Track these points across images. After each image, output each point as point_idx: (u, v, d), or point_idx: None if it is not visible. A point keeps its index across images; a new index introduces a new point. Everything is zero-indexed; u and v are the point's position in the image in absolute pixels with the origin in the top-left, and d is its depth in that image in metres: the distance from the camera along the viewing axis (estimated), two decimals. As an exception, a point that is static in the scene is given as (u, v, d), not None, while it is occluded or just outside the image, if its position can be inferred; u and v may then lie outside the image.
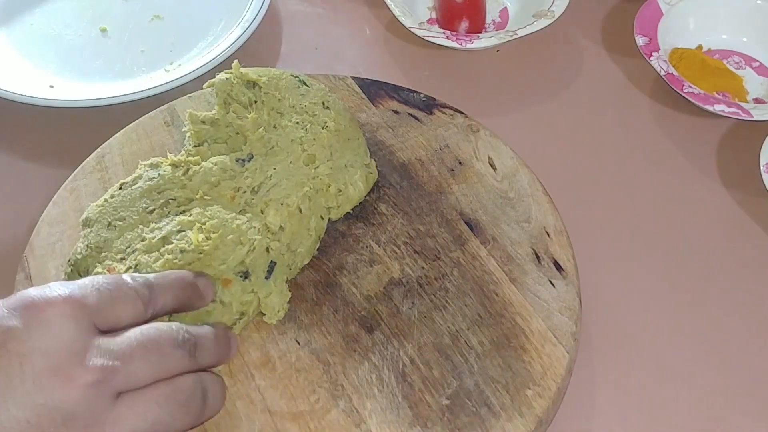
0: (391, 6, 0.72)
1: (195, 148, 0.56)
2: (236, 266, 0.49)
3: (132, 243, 0.50)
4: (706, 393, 0.53)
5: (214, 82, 0.58)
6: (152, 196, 0.53)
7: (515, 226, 0.55)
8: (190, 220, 0.50)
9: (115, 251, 0.50)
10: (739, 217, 0.62)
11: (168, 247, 0.49)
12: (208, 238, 0.49)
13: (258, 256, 0.50)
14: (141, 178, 0.54)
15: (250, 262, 0.50)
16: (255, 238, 0.50)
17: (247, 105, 0.57)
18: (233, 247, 0.50)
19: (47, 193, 0.58)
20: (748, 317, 0.57)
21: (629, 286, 0.59)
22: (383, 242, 0.55)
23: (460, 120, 0.62)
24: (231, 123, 0.56)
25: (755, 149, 0.63)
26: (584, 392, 0.53)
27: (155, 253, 0.49)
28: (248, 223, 0.51)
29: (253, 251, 0.50)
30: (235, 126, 0.56)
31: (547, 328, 0.50)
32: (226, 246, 0.49)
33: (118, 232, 0.51)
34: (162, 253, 0.49)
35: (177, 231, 0.50)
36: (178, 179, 0.53)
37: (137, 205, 0.52)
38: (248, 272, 0.50)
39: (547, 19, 0.71)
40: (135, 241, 0.50)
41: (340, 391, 0.48)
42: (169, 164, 0.54)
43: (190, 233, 0.49)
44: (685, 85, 0.66)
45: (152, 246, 0.49)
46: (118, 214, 0.52)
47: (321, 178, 0.55)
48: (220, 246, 0.49)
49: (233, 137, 0.56)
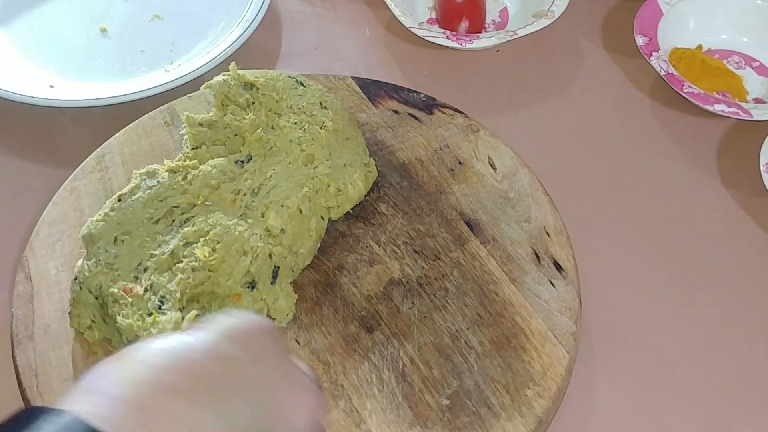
0: (391, 6, 0.72)
1: (193, 150, 0.56)
2: (242, 278, 0.49)
3: (142, 259, 0.50)
4: (705, 393, 0.53)
5: (212, 84, 0.57)
6: (154, 205, 0.52)
7: (515, 226, 0.55)
8: (194, 231, 0.50)
9: (126, 269, 0.49)
10: (739, 216, 0.62)
11: (179, 266, 0.49)
12: (213, 250, 0.49)
13: (262, 263, 0.50)
14: (140, 188, 0.53)
15: (255, 270, 0.50)
16: (257, 245, 0.50)
17: (244, 106, 0.57)
18: (237, 257, 0.50)
19: (47, 193, 0.58)
20: (748, 317, 0.57)
21: (629, 286, 0.58)
22: (383, 242, 0.55)
23: (460, 120, 0.62)
24: (229, 124, 0.56)
25: (755, 149, 0.63)
26: (584, 392, 0.53)
27: (168, 273, 0.49)
28: (250, 230, 0.51)
29: (256, 259, 0.50)
30: (233, 127, 0.56)
31: (547, 328, 0.50)
32: (231, 257, 0.50)
33: (127, 247, 0.50)
34: (174, 272, 0.49)
35: (183, 245, 0.50)
36: (178, 185, 0.53)
37: (141, 217, 0.51)
38: (254, 281, 0.50)
39: (547, 19, 0.71)
40: (145, 257, 0.50)
41: (340, 391, 0.48)
42: (167, 170, 0.54)
43: (197, 250, 0.49)
44: (685, 85, 0.66)
45: (163, 263, 0.49)
46: (123, 228, 0.51)
47: (320, 178, 0.55)
48: (225, 258, 0.49)
49: (231, 139, 0.56)
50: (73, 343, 0.50)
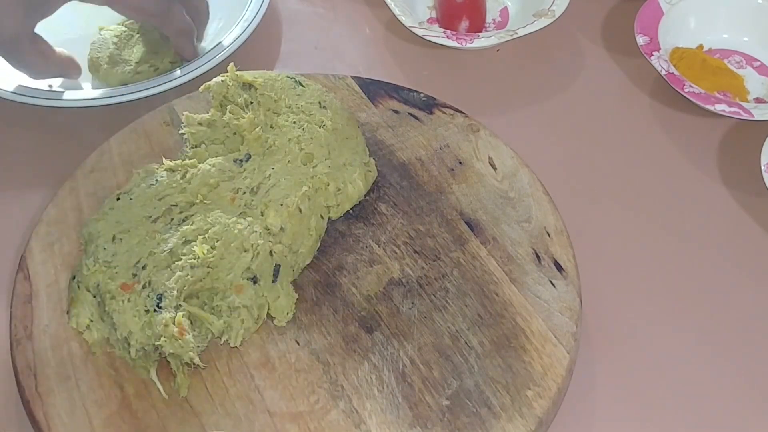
0: (391, 5, 0.72)
1: (192, 149, 0.56)
2: (243, 273, 0.49)
3: (141, 257, 0.50)
4: (706, 393, 0.53)
5: (210, 86, 0.57)
6: (153, 203, 0.52)
7: (515, 226, 0.55)
8: (193, 229, 0.50)
9: (124, 267, 0.49)
10: (740, 217, 0.62)
11: (178, 264, 0.49)
12: (212, 247, 0.49)
13: (263, 261, 0.50)
14: (138, 187, 0.53)
15: (256, 267, 0.50)
16: (258, 243, 0.50)
17: (243, 106, 0.57)
18: (237, 254, 0.50)
19: (47, 193, 0.58)
20: (748, 317, 0.57)
21: (630, 286, 0.58)
22: (383, 242, 0.55)
23: (460, 119, 0.62)
24: (228, 124, 0.56)
25: (756, 149, 0.63)
26: (584, 392, 0.53)
27: (167, 270, 0.49)
28: (249, 228, 0.51)
29: (257, 256, 0.50)
30: (232, 126, 0.56)
31: (547, 329, 0.50)
32: (231, 254, 0.50)
33: (125, 246, 0.50)
34: (173, 270, 0.49)
35: (182, 243, 0.50)
36: (177, 183, 0.53)
37: (140, 216, 0.51)
38: (256, 277, 0.50)
39: (547, 18, 0.71)
40: (143, 255, 0.50)
41: (339, 391, 0.48)
42: (166, 169, 0.54)
43: (195, 247, 0.49)
44: (685, 84, 0.66)
45: (161, 261, 0.49)
46: (121, 227, 0.51)
47: (320, 177, 0.55)
48: (225, 255, 0.49)
49: (230, 138, 0.56)
50: (72, 344, 0.50)
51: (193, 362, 0.47)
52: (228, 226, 0.50)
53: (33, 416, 0.47)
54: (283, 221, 0.52)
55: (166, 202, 0.52)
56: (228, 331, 0.49)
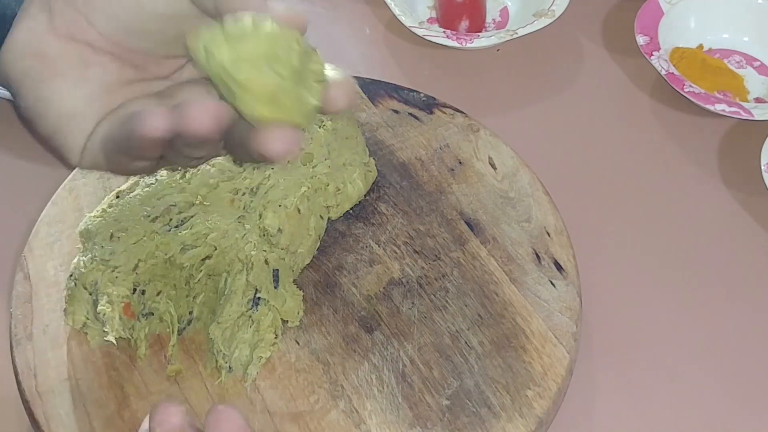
0: (391, 5, 0.72)
1: None
2: (243, 296, 0.49)
3: (138, 258, 0.49)
4: (706, 393, 0.53)
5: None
6: (152, 203, 0.52)
7: (515, 225, 0.55)
8: (192, 233, 0.50)
9: (123, 268, 0.49)
10: (740, 216, 0.62)
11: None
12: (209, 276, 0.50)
13: (259, 272, 0.49)
14: (138, 185, 0.53)
15: (253, 279, 0.49)
16: (251, 254, 0.50)
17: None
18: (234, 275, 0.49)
19: (46, 193, 0.58)
20: (748, 317, 0.57)
21: (630, 286, 0.58)
22: (383, 242, 0.55)
23: (461, 119, 0.62)
24: None
25: (756, 149, 0.63)
26: (584, 392, 0.53)
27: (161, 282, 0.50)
28: (245, 237, 0.50)
29: (251, 269, 0.49)
30: None
31: (547, 329, 0.50)
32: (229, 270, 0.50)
33: (122, 244, 0.50)
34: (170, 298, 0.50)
35: (180, 251, 0.50)
36: (176, 183, 0.53)
37: (138, 214, 0.51)
38: (258, 297, 0.49)
39: (547, 18, 0.71)
40: (141, 255, 0.49)
41: (339, 391, 0.48)
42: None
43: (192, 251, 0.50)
44: (685, 84, 0.66)
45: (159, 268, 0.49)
46: (119, 225, 0.51)
47: (319, 177, 0.55)
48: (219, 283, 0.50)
49: None
50: (72, 344, 0.50)
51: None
52: (227, 233, 0.50)
53: (33, 416, 0.47)
54: (281, 222, 0.52)
55: (165, 202, 0.52)
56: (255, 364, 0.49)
